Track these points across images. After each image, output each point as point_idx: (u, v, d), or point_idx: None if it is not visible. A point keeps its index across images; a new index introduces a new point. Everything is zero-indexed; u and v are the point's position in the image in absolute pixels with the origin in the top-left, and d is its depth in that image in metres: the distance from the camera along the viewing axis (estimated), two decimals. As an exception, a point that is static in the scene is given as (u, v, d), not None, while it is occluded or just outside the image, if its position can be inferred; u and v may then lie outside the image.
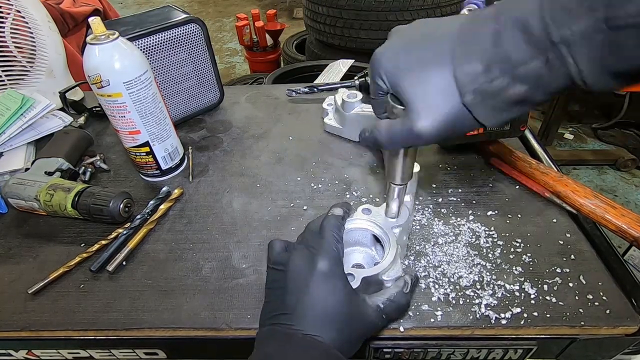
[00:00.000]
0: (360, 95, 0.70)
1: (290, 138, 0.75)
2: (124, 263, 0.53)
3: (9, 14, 0.77)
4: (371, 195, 0.62)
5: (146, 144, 0.61)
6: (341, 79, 0.93)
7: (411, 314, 0.45)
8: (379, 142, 0.35)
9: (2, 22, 0.77)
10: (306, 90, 0.82)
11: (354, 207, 0.47)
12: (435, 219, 0.57)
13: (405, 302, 0.40)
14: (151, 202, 0.60)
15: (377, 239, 0.46)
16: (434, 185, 0.62)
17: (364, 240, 0.48)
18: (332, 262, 0.38)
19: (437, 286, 0.48)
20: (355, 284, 0.40)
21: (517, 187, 0.61)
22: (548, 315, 0.44)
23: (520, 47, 0.25)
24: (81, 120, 0.80)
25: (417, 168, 0.47)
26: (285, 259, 0.39)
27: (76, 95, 0.89)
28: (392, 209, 0.45)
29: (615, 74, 0.23)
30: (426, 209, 0.58)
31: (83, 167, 0.67)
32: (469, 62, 0.28)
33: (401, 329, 0.44)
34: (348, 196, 0.62)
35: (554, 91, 0.27)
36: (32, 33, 0.80)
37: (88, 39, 0.52)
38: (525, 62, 0.26)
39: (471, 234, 0.54)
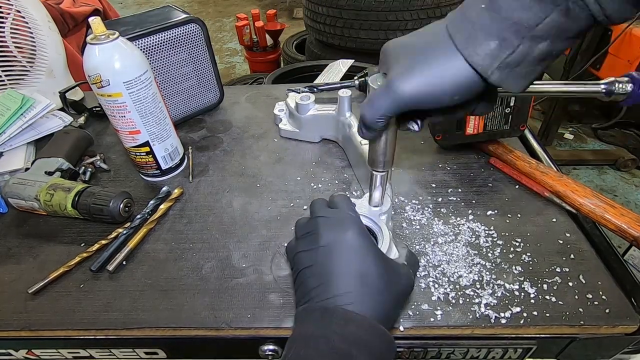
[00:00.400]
0: (313, 97, 0.70)
1: (290, 138, 0.75)
2: (124, 263, 0.53)
3: (9, 14, 0.77)
4: (371, 195, 0.62)
5: (146, 143, 0.61)
6: (341, 79, 0.93)
7: (411, 313, 0.45)
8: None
9: (2, 22, 0.77)
10: (306, 90, 0.82)
11: None
12: (435, 218, 0.57)
13: (416, 260, 0.43)
14: (151, 201, 0.60)
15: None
16: (433, 185, 0.63)
17: None
18: (359, 229, 0.37)
19: (436, 285, 0.48)
20: None
21: (517, 186, 0.61)
22: (548, 315, 0.44)
23: (532, 9, 0.26)
24: (81, 120, 0.81)
25: None
26: (312, 239, 0.38)
27: (76, 95, 0.89)
28: (376, 197, 0.46)
29: (633, 1, 0.25)
30: (426, 208, 0.59)
31: (83, 167, 0.68)
32: (480, 44, 0.28)
33: (401, 328, 0.44)
34: (347, 195, 0.62)
35: (573, 36, 0.28)
36: (32, 33, 0.80)
37: (88, 38, 0.52)
38: (541, 20, 0.26)
39: (471, 233, 0.54)
